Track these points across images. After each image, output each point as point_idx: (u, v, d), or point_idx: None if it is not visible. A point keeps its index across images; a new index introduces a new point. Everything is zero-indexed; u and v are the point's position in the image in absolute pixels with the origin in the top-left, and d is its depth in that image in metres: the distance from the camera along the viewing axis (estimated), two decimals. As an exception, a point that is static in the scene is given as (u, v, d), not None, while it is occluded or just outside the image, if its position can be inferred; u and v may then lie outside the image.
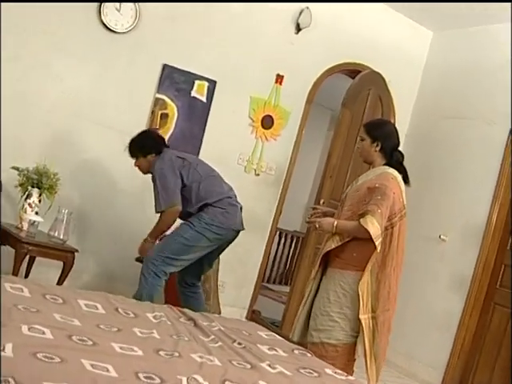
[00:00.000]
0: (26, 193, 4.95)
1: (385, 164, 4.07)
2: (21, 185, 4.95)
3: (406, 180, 4.10)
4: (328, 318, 3.97)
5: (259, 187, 6.52)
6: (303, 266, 6.48)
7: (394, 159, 4.09)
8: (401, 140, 7.01)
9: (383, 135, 4.08)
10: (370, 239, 3.84)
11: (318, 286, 4.14)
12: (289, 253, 10.96)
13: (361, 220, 3.84)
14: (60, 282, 4.83)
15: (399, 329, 6.55)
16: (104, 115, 5.72)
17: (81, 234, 5.60)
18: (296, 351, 3.46)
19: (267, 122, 6.44)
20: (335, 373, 3.18)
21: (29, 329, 2.49)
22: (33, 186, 4.92)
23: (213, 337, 3.26)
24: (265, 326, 3.90)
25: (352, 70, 6.85)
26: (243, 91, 6.28)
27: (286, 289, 9.08)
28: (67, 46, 5.50)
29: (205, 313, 3.94)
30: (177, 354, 2.74)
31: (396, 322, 6.51)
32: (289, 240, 10.89)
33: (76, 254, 4.98)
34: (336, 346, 3.95)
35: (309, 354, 3.47)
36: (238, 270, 6.48)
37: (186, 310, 3.70)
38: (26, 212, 4.91)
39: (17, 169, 4.98)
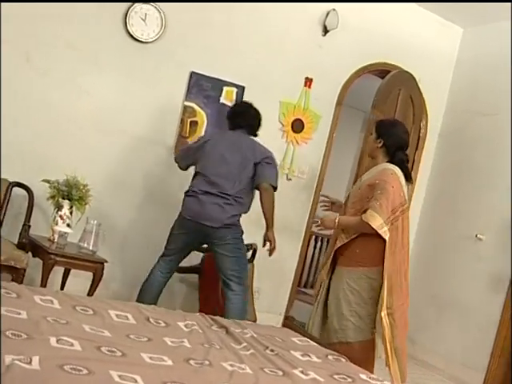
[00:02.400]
0: (58, 205, 4.97)
1: (387, 162, 4.22)
2: (52, 197, 4.98)
3: (407, 178, 4.22)
4: (341, 317, 4.09)
5: (291, 192, 6.47)
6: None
7: (397, 158, 4.21)
8: (434, 140, 7.00)
9: (388, 134, 4.23)
10: (373, 235, 3.99)
11: (329, 285, 4.26)
12: (325, 257, 10.86)
13: (362, 216, 4.01)
14: (90, 292, 4.84)
15: (438, 331, 6.48)
16: (133, 125, 5.74)
17: (111, 245, 5.61)
18: (330, 357, 3.40)
19: (297, 126, 6.39)
20: (370, 378, 3.12)
21: (57, 341, 2.48)
22: (63, 198, 4.95)
23: (245, 344, 3.22)
24: (298, 332, 3.86)
25: (381, 71, 6.78)
26: (272, 96, 6.24)
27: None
28: (94, 59, 5.53)
29: (237, 320, 3.91)
30: (207, 363, 2.71)
31: (434, 324, 6.48)
32: (325, 244, 10.81)
33: (107, 264, 4.99)
34: (352, 345, 4.04)
35: (343, 359, 3.41)
36: (273, 275, 6.43)
37: (217, 318, 3.67)
38: (57, 224, 4.94)
39: (47, 181, 5.01)
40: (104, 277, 5.00)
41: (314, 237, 10.15)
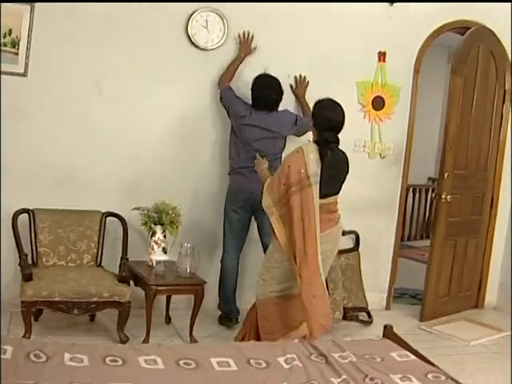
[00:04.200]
0: (151, 231, 5.13)
1: (314, 141, 4.51)
2: (144, 224, 5.13)
3: (322, 158, 4.37)
4: (259, 276, 4.67)
5: (381, 169, 6.40)
6: (437, 242, 6.37)
7: (321, 138, 4.43)
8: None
9: (316, 115, 4.54)
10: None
11: None
12: (425, 206, 10.82)
13: (265, 185, 4.50)
14: (193, 314, 4.99)
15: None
16: (210, 134, 5.81)
17: (210, 260, 5.81)
18: (430, 375, 3.44)
19: (378, 103, 6.25)
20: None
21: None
22: (155, 224, 5.09)
23: (344, 377, 3.29)
24: (398, 344, 3.89)
25: (458, 28, 6.48)
26: (348, 78, 6.11)
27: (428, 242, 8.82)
28: (163, 74, 5.58)
29: (336, 339, 3.97)
30: (308, 412, 2.79)
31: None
32: (423, 194, 10.73)
33: (209, 277, 5.21)
34: (258, 301, 4.62)
35: (443, 377, 3.43)
36: (372, 255, 6.41)
37: (317, 345, 3.72)
38: (153, 249, 5.10)
39: (137, 209, 5.16)
40: (209, 288, 5.19)
41: (411, 189, 10.02)
